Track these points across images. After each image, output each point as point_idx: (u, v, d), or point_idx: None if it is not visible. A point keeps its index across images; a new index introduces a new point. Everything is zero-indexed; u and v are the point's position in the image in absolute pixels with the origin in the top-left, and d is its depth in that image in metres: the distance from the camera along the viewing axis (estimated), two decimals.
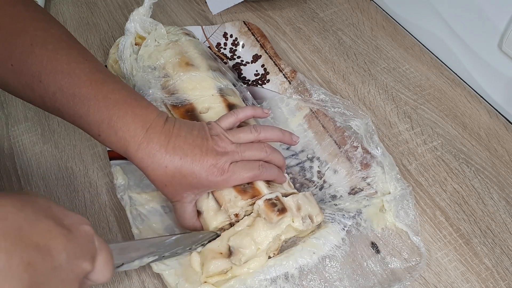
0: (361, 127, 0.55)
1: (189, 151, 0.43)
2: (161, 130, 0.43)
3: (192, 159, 0.43)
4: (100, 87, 0.42)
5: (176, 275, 0.44)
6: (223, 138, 0.45)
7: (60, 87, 0.41)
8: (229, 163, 0.44)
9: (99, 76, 0.43)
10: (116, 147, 0.43)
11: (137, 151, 0.42)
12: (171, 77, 0.55)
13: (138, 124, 0.42)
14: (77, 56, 0.43)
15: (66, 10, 0.76)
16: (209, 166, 0.43)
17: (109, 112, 0.42)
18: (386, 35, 0.72)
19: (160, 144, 0.42)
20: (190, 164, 0.43)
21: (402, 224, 0.49)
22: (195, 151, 0.43)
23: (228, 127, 0.48)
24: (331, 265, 0.46)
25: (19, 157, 0.57)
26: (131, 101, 0.43)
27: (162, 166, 0.42)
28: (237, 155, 0.45)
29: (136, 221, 0.48)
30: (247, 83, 0.64)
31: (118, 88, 0.44)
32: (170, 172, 0.42)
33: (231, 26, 0.70)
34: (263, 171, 0.46)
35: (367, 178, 0.53)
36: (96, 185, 0.54)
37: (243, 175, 0.45)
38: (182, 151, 0.43)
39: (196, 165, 0.43)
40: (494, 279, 0.47)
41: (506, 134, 0.59)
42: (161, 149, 0.42)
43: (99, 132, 0.43)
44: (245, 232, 0.45)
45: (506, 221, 0.51)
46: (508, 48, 0.57)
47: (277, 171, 0.48)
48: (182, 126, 0.45)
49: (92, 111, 0.42)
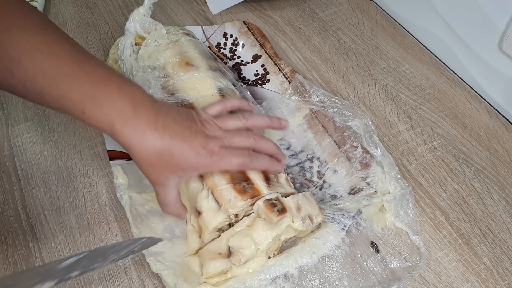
0: (360, 127, 0.55)
1: (179, 131, 0.42)
2: (150, 107, 0.42)
3: (182, 139, 0.42)
4: (83, 65, 0.41)
5: (175, 275, 0.44)
6: (211, 123, 0.45)
7: (42, 68, 0.40)
8: (219, 147, 0.43)
9: (81, 56, 0.42)
10: (101, 123, 0.41)
11: (125, 127, 0.41)
12: (171, 77, 0.55)
13: (125, 101, 0.41)
14: (57, 37, 0.41)
15: (66, 10, 0.76)
16: (198, 147, 0.42)
17: (94, 89, 0.40)
18: (386, 35, 0.72)
19: (149, 121, 0.41)
20: (180, 143, 0.42)
21: (402, 224, 0.49)
22: (185, 132, 0.42)
23: (215, 115, 0.48)
24: (331, 265, 0.46)
25: (19, 157, 0.57)
26: (117, 79, 0.42)
27: (151, 144, 0.41)
28: (226, 140, 0.45)
29: (135, 220, 0.48)
30: (247, 83, 0.64)
31: (102, 67, 0.42)
32: (159, 150, 0.41)
33: (231, 26, 0.70)
34: (253, 159, 0.45)
35: (367, 178, 0.53)
36: (96, 185, 0.54)
37: (233, 161, 0.44)
38: (172, 130, 0.42)
39: (185, 145, 0.42)
40: (494, 279, 0.47)
41: (506, 134, 0.59)
42: (150, 126, 0.41)
43: (83, 109, 0.40)
44: (245, 232, 0.45)
45: (506, 221, 0.51)
46: (508, 48, 0.57)
47: (268, 160, 0.47)
48: (171, 107, 0.44)
49: (76, 88, 0.40)
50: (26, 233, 0.50)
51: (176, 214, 0.47)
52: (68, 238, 0.50)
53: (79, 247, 0.49)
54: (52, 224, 0.51)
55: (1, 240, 0.50)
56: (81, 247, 0.49)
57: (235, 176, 0.47)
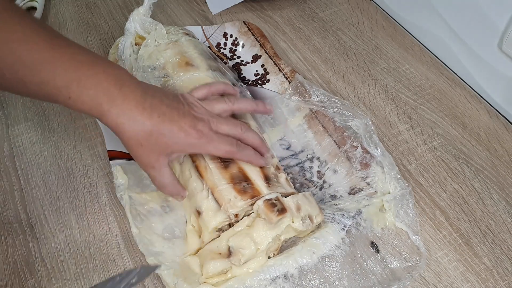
0: (360, 127, 0.55)
1: (167, 111, 0.42)
2: (136, 88, 0.42)
3: (170, 119, 0.42)
4: (63, 50, 0.40)
5: (175, 275, 0.44)
6: (198, 106, 0.45)
7: (19, 57, 0.39)
8: (207, 129, 0.44)
9: (59, 41, 0.41)
10: (89, 107, 0.40)
11: (112, 107, 0.40)
12: (171, 77, 0.55)
13: (111, 82, 0.41)
14: (32, 24, 0.40)
15: (66, 10, 0.76)
16: (187, 127, 0.43)
17: (78, 73, 0.40)
18: (386, 35, 0.72)
19: (137, 101, 0.41)
20: (169, 123, 0.42)
21: (402, 224, 0.49)
22: (173, 112, 0.43)
23: (200, 97, 0.48)
24: (330, 265, 0.46)
25: (19, 157, 0.57)
26: (101, 62, 0.42)
27: (140, 123, 0.41)
28: (213, 124, 0.45)
29: (135, 220, 0.48)
30: (247, 83, 0.64)
31: (84, 51, 0.42)
32: (148, 130, 0.41)
33: (231, 26, 0.70)
34: (240, 150, 0.46)
35: (366, 178, 0.53)
36: (96, 185, 0.54)
37: (221, 147, 0.44)
38: (160, 110, 0.42)
39: (174, 125, 0.42)
40: (494, 279, 0.47)
41: (506, 134, 0.59)
42: (138, 106, 0.41)
43: (69, 94, 0.40)
44: (245, 232, 0.45)
45: (506, 221, 0.51)
46: (508, 48, 0.57)
47: (253, 153, 0.47)
48: (157, 89, 0.44)
49: (59, 73, 0.39)
50: (26, 233, 0.50)
51: (175, 193, 0.47)
52: (68, 238, 0.50)
53: (79, 247, 0.49)
54: (52, 224, 0.51)
55: (1, 240, 0.50)
56: (81, 247, 0.49)
57: (235, 176, 0.47)
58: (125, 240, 0.49)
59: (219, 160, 0.48)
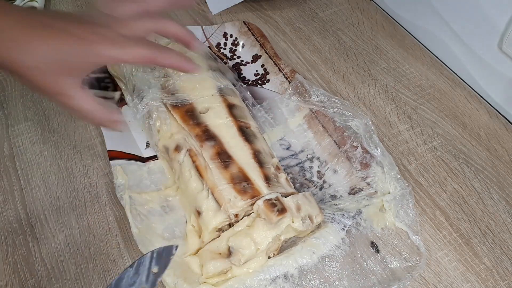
0: (360, 127, 0.55)
1: (62, 26, 0.37)
2: (20, 14, 0.37)
3: (67, 33, 0.37)
4: None
5: (175, 275, 0.44)
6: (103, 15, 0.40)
7: None
8: (114, 34, 0.38)
9: None
10: None
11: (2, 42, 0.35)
12: (171, 77, 0.55)
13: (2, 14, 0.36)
14: None
15: (66, 10, 0.76)
16: (89, 35, 0.37)
17: None
18: (386, 35, 0.72)
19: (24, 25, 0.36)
20: (67, 39, 0.37)
21: (402, 224, 0.49)
22: (68, 27, 0.37)
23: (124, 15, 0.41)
24: (330, 265, 0.46)
25: (19, 157, 0.57)
26: None
27: (34, 49, 0.36)
28: (120, 27, 0.39)
29: (135, 220, 0.48)
30: (247, 83, 0.64)
31: None
32: (45, 53, 0.36)
33: (231, 26, 0.70)
34: (162, 52, 0.40)
35: (366, 178, 0.53)
36: (96, 185, 0.54)
37: (138, 51, 0.38)
38: (52, 28, 0.37)
39: (74, 38, 0.37)
40: (494, 279, 0.47)
41: (506, 134, 0.59)
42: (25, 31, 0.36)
43: None
44: (245, 232, 0.45)
45: (506, 221, 0.51)
46: (508, 48, 0.57)
47: (178, 56, 0.41)
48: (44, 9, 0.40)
49: None
50: (26, 233, 0.50)
51: (104, 119, 0.41)
52: (68, 238, 0.50)
53: (79, 247, 0.49)
54: (52, 224, 0.51)
55: (1, 240, 0.50)
56: (81, 247, 0.49)
57: (235, 176, 0.47)
58: (125, 240, 0.49)
59: (219, 160, 0.48)
